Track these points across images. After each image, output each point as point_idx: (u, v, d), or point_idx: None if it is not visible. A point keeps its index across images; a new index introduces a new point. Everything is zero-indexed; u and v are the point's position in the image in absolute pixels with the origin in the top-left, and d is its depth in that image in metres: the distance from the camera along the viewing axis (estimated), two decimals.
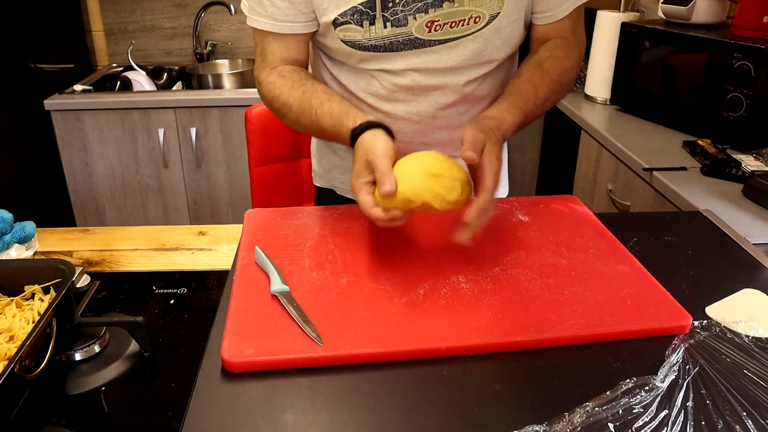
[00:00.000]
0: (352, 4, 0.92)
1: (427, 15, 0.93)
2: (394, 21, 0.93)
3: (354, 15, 0.93)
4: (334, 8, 0.93)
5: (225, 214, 2.38)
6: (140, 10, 2.62)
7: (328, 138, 1.00)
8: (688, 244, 0.97)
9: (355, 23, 0.94)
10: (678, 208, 1.34)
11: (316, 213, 1.01)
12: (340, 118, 0.91)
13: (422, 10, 0.92)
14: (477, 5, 0.93)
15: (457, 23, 0.94)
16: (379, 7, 0.92)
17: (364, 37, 0.95)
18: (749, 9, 1.58)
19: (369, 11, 0.92)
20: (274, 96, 1.00)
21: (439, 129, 1.06)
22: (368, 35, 0.94)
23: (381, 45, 0.95)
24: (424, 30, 0.94)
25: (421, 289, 0.81)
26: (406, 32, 0.94)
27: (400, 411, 0.64)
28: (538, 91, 0.97)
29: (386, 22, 0.93)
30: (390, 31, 0.94)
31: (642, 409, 0.63)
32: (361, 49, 0.96)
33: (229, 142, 2.25)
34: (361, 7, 0.92)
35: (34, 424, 0.69)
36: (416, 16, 0.93)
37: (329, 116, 0.93)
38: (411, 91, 1.01)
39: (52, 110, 2.18)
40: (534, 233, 0.96)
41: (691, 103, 1.68)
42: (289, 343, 0.71)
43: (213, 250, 1.09)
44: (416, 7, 0.92)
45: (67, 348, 0.77)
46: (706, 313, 0.80)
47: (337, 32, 0.96)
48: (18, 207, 1.92)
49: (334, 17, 0.94)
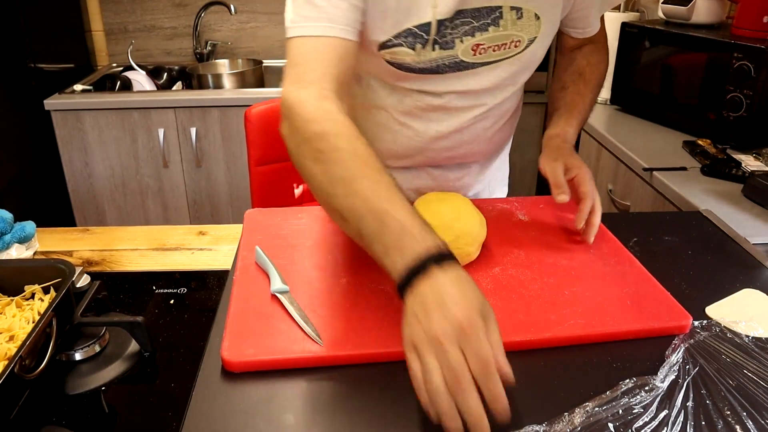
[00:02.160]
0: (407, 25, 0.88)
1: (473, 38, 0.92)
2: (442, 44, 0.91)
3: (408, 37, 0.89)
4: (389, 28, 0.88)
5: (225, 214, 2.38)
6: (140, 10, 2.62)
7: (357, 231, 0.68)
8: (688, 244, 0.97)
9: (407, 46, 0.90)
10: (678, 208, 1.34)
11: (316, 213, 1.01)
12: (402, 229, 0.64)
13: (469, 33, 0.91)
14: (518, 30, 0.93)
15: (500, 47, 0.94)
16: (434, 31, 0.89)
17: (413, 60, 0.92)
18: (749, 9, 1.58)
19: (423, 35, 0.89)
20: (324, 131, 0.73)
21: (465, 143, 1.06)
22: (418, 58, 0.91)
23: (428, 68, 0.93)
24: (470, 53, 0.93)
25: None
26: (452, 55, 0.92)
27: (400, 411, 0.64)
28: (585, 99, 1.07)
29: (435, 44, 0.91)
30: (438, 54, 0.92)
31: (642, 409, 0.63)
32: (407, 71, 0.93)
33: (229, 142, 2.25)
34: (416, 30, 0.88)
35: (34, 424, 0.69)
36: (463, 39, 0.91)
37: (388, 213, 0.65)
38: (444, 111, 1.00)
39: (52, 110, 2.18)
40: (534, 233, 0.96)
41: (691, 103, 1.68)
42: (289, 343, 0.71)
43: (213, 250, 1.09)
44: (464, 30, 0.91)
45: (67, 348, 0.77)
46: (706, 313, 0.80)
47: (382, 53, 0.91)
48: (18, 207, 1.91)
49: (386, 39, 0.89)
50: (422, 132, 1.03)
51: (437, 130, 1.02)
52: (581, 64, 1.10)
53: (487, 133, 1.07)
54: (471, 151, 1.09)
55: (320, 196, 0.73)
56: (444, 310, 0.58)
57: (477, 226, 0.86)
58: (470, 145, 1.08)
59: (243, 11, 2.62)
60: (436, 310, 0.58)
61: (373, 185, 0.68)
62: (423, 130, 1.02)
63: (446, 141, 1.05)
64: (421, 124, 1.02)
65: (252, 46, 2.69)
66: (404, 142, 1.04)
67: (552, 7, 0.95)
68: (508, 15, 0.91)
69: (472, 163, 1.13)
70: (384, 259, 0.65)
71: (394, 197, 0.67)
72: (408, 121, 1.02)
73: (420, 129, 1.02)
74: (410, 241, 0.63)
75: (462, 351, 0.56)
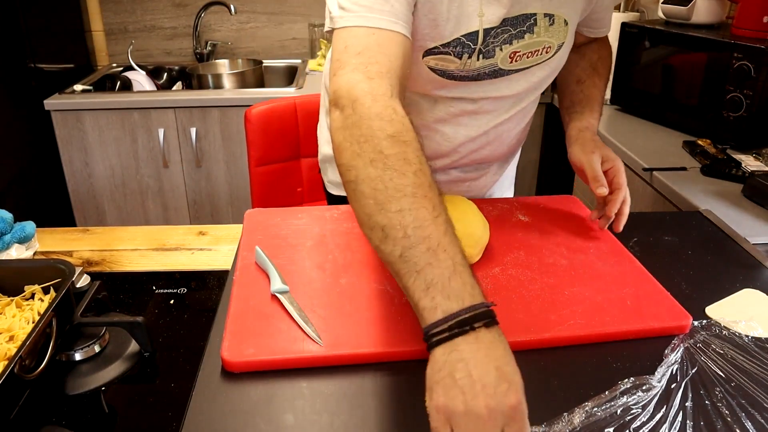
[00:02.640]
0: (456, 36, 0.87)
1: (511, 46, 0.92)
2: (485, 53, 0.91)
3: (457, 47, 0.88)
4: (438, 37, 0.87)
5: (225, 214, 2.38)
6: (140, 10, 2.62)
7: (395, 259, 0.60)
8: (688, 244, 0.97)
9: (454, 55, 0.89)
10: (678, 208, 1.34)
11: (316, 213, 1.01)
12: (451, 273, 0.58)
13: (508, 41, 0.91)
14: (549, 36, 0.94)
15: (533, 53, 0.95)
16: (480, 40, 0.89)
17: (457, 68, 0.91)
18: (749, 9, 1.58)
19: (471, 44, 0.88)
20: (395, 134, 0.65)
21: (489, 145, 1.07)
22: (463, 67, 0.91)
23: (469, 75, 0.93)
24: (507, 61, 0.93)
25: None
26: (492, 63, 0.93)
27: (400, 411, 0.64)
28: (601, 92, 1.10)
29: (479, 54, 0.91)
30: (481, 63, 0.92)
31: (640, 409, 0.63)
32: (449, 78, 0.93)
33: (229, 142, 2.25)
34: (464, 39, 0.88)
35: (34, 424, 0.69)
36: (502, 47, 0.92)
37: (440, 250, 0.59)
38: (475, 116, 1.00)
39: (52, 110, 2.18)
40: (534, 233, 0.96)
41: (691, 103, 1.68)
42: (289, 343, 0.71)
43: (213, 250, 1.09)
44: (503, 39, 0.91)
45: (67, 348, 0.77)
46: (706, 313, 0.80)
47: (426, 59, 0.90)
48: (18, 207, 1.92)
49: (433, 46, 0.87)
50: (452, 137, 1.02)
51: (466, 134, 1.02)
52: (593, 58, 1.12)
53: (510, 134, 1.08)
54: (493, 153, 1.10)
55: (366, 204, 0.63)
56: (494, 388, 0.53)
57: (480, 229, 0.87)
58: (493, 146, 1.08)
59: (243, 11, 2.62)
60: (485, 386, 0.53)
61: (433, 213, 0.61)
62: (452, 135, 1.02)
63: (473, 144, 1.05)
64: (451, 128, 1.01)
65: (252, 46, 2.69)
66: (433, 147, 1.03)
67: (576, 13, 0.97)
68: (541, 22, 0.92)
69: (491, 163, 1.14)
70: (422, 295, 0.57)
71: (449, 233, 0.60)
72: (439, 127, 1.01)
73: (450, 134, 1.02)
74: (459, 286, 0.57)
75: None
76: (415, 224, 0.59)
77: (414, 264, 0.58)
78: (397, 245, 0.60)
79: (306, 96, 1.61)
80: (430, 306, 0.57)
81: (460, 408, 0.53)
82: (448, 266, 0.57)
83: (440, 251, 0.58)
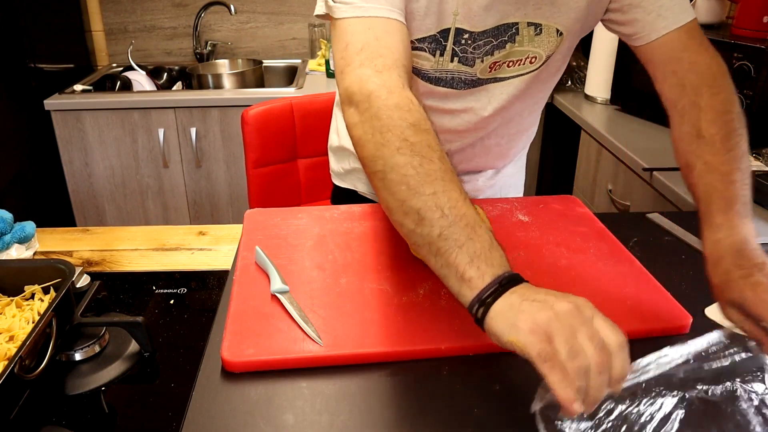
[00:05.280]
0: (432, 32, 0.88)
1: (492, 57, 0.91)
2: (462, 59, 0.90)
3: (431, 43, 0.89)
4: (415, 31, 0.87)
5: (225, 214, 2.38)
6: (140, 10, 2.62)
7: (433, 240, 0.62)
8: (688, 244, 0.97)
9: (429, 52, 0.90)
10: (678, 208, 1.34)
11: (316, 213, 1.01)
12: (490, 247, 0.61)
13: (489, 52, 0.90)
14: (535, 46, 0.90)
15: (515, 63, 0.92)
16: (451, 39, 0.88)
17: (432, 67, 0.91)
18: (749, 9, 1.58)
19: (441, 40, 0.88)
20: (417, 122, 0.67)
21: (477, 156, 1.06)
22: (436, 66, 0.91)
23: (444, 79, 0.92)
24: (486, 71, 0.92)
25: (421, 289, 0.81)
26: (470, 72, 0.92)
27: (400, 411, 0.64)
28: (721, 170, 0.77)
29: (454, 56, 0.90)
30: (456, 66, 0.90)
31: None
32: (424, 79, 0.93)
33: (229, 142, 2.25)
34: (438, 35, 0.88)
35: (34, 424, 0.69)
36: (484, 59, 0.91)
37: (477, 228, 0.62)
38: (457, 135, 1.00)
39: (52, 110, 2.18)
40: (534, 233, 0.96)
41: None
42: (289, 343, 0.71)
43: (213, 250, 1.09)
44: (485, 51, 0.90)
45: (67, 348, 0.77)
46: (706, 314, 0.80)
47: None
48: (18, 207, 1.91)
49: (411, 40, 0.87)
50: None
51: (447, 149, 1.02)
52: (694, 119, 0.81)
53: (501, 147, 1.07)
54: (483, 164, 1.09)
55: (398, 191, 0.64)
56: (564, 296, 0.57)
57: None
58: (482, 158, 1.07)
59: (243, 11, 2.62)
60: (557, 297, 0.57)
61: (462, 194, 0.64)
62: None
63: (459, 155, 1.04)
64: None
65: (252, 46, 2.70)
66: None
67: (576, 21, 0.90)
68: (524, 31, 0.89)
69: (481, 171, 1.13)
70: (467, 267, 0.60)
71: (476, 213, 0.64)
72: None
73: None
74: (498, 256, 0.61)
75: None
76: (450, 204, 0.62)
77: (455, 240, 0.60)
78: (435, 226, 0.61)
79: (303, 97, 1.60)
80: (477, 275, 0.59)
81: (550, 315, 0.55)
82: (487, 240, 0.61)
83: (477, 227, 0.61)
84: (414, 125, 0.66)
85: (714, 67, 0.84)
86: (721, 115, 0.81)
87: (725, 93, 0.82)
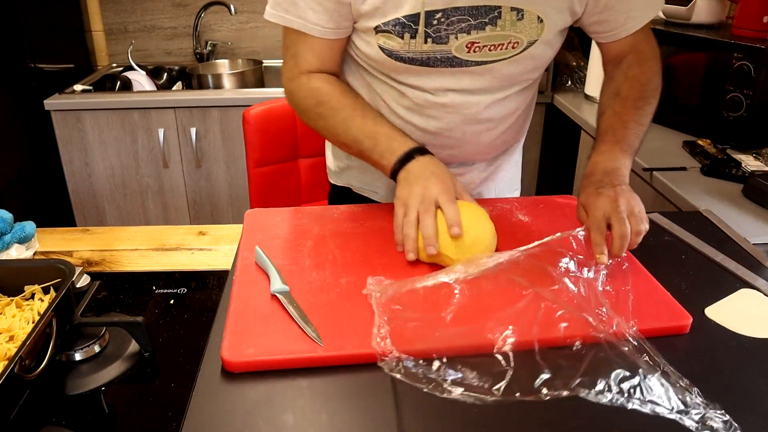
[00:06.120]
0: (396, 15, 0.90)
1: (468, 36, 0.92)
2: (435, 38, 0.92)
3: (396, 26, 0.91)
4: (380, 16, 0.91)
5: (225, 214, 2.38)
6: (140, 10, 2.62)
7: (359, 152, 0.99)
8: (688, 244, 0.97)
9: (395, 34, 0.92)
10: (678, 208, 1.34)
11: (316, 213, 1.02)
12: (390, 139, 0.95)
13: (465, 30, 0.92)
14: (517, 31, 0.93)
15: (496, 47, 0.94)
16: (422, 23, 0.90)
17: (402, 48, 0.93)
18: (749, 9, 1.58)
19: (412, 25, 0.91)
20: (320, 101, 0.99)
21: (467, 143, 1.07)
22: (407, 47, 0.93)
23: (418, 59, 0.94)
24: (464, 50, 0.93)
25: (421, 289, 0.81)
26: (445, 50, 0.93)
27: (399, 411, 0.64)
28: (623, 117, 0.98)
29: (428, 37, 0.92)
30: (430, 47, 0.93)
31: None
32: (397, 59, 0.95)
33: (229, 143, 2.25)
34: (404, 20, 0.91)
35: (34, 424, 0.69)
36: (458, 36, 0.92)
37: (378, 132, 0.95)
38: (443, 109, 1.01)
39: (52, 110, 2.18)
40: (534, 233, 0.96)
41: (691, 103, 1.68)
42: (289, 343, 0.71)
43: (213, 250, 1.09)
44: (460, 28, 0.91)
45: (67, 348, 0.77)
46: (706, 314, 0.80)
47: (377, 37, 0.94)
48: (18, 207, 1.92)
49: (376, 24, 0.92)
50: (423, 127, 1.04)
51: (437, 126, 1.03)
52: (618, 81, 1.01)
53: (491, 134, 1.07)
54: (474, 152, 1.09)
55: (329, 138, 1.05)
56: (425, 181, 0.89)
57: (490, 237, 0.88)
58: (472, 146, 1.07)
59: (243, 11, 2.62)
60: (421, 180, 0.89)
61: (363, 119, 0.97)
62: (423, 125, 1.03)
63: (447, 139, 1.05)
64: (421, 120, 1.03)
65: (252, 46, 2.69)
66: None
67: (557, 12, 0.94)
68: (507, 15, 0.91)
69: (474, 162, 1.13)
70: (381, 162, 0.95)
71: (381, 121, 0.98)
72: (408, 116, 1.03)
73: (420, 125, 1.03)
74: (398, 144, 0.94)
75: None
76: (356, 132, 0.98)
77: (368, 150, 0.97)
78: (354, 148, 0.99)
79: None
80: (387, 164, 0.95)
81: (406, 192, 0.89)
82: (386, 140, 0.96)
83: (378, 135, 0.96)
84: (317, 103, 1.00)
85: (649, 51, 1.03)
86: (641, 85, 1.00)
87: (651, 72, 1.01)
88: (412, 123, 1.03)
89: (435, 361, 0.68)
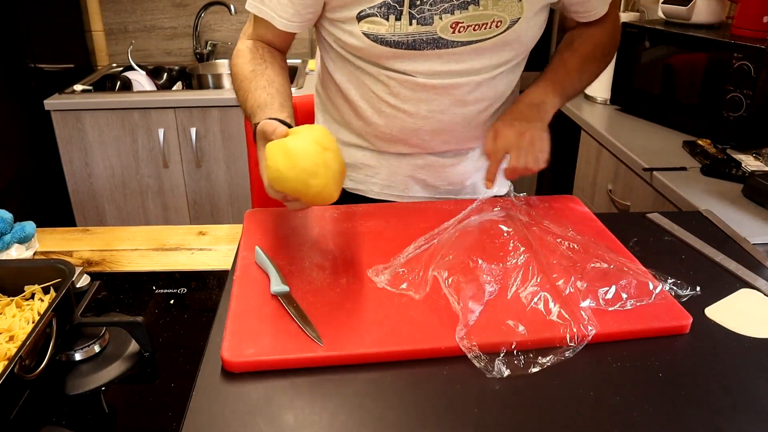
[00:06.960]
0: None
1: (452, 16, 0.94)
2: (420, 19, 0.94)
3: (381, 8, 0.93)
4: (364, 1, 0.93)
5: (225, 214, 2.38)
6: (140, 10, 2.62)
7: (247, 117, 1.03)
8: (688, 244, 0.97)
9: (381, 16, 0.94)
10: (678, 208, 1.34)
11: (316, 213, 1.01)
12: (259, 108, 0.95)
13: (448, 10, 0.94)
14: (499, 10, 0.95)
15: (480, 26, 0.96)
16: (407, 3, 0.93)
17: (388, 31, 0.95)
18: (749, 9, 1.58)
19: (397, 5, 0.93)
20: (234, 63, 1.07)
21: (459, 126, 1.08)
22: (393, 30, 0.95)
23: (404, 42, 0.96)
24: (449, 30, 0.95)
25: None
26: (430, 31, 0.95)
27: (400, 411, 0.64)
28: (567, 66, 1.08)
29: (412, 19, 0.94)
30: (415, 28, 0.95)
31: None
32: (383, 44, 0.96)
33: (229, 142, 2.25)
34: (390, 1, 0.93)
35: (34, 424, 0.69)
36: (442, 16, 0.94)
37: (254, 102, 0.97)
38: (433, 91, 1.02)
39: (52, 110, 2.18)
40: (534, 233, 0.96)
41: (691, 103, 1.68)
42: (289, 343, 0.71)
43: (213, 250, 1.09)
44: (443, 8, 0.93)
45: (67, 348, 0.77)
46: (706, 314, 0.80)
47: (360, 25, 0.96)
48: (18, 207, 1.91)
49: (360, 10, 0.94)
50: (413, 113, 1.04)
51: (428, 109, 1.04)
52: (575, 34, 1.11)
53: (482, 116, 1.08)
54: (465, 137, 1.10)
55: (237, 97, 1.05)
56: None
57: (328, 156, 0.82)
58: (464, 131, 1.08)
59: (243, 11, 2.62)
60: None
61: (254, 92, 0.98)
62: (414, 110, 1.04)
63: (439, 123, 1.06)
64: (411, 105, 1.04)
65: None
66: (398, 125, 1.07)
67: None
68: None
69: (468, 150, 1.14)
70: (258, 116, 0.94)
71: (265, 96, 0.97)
72: (398, 104, 1.04)
73: (410, 110, 1.04)
74: (261, 114, 0.92)
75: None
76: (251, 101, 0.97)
77: (252, 117, 0.95)
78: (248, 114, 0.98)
79: (303, 96, 1.61)
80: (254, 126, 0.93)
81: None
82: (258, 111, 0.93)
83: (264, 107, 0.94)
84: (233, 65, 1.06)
85: (609, 23, 1.11)
86: (594, 43, 1.10)
87: (606, 36, 1.11)
88: (402, 110, 1.04)
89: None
